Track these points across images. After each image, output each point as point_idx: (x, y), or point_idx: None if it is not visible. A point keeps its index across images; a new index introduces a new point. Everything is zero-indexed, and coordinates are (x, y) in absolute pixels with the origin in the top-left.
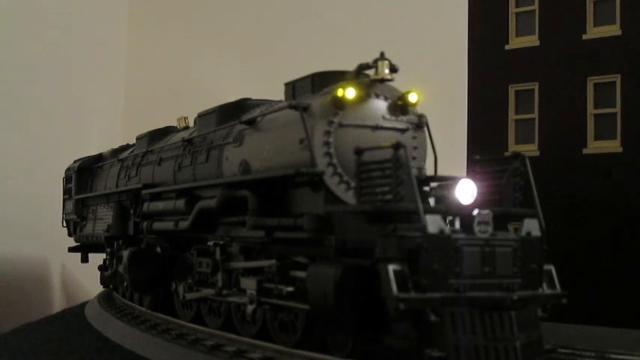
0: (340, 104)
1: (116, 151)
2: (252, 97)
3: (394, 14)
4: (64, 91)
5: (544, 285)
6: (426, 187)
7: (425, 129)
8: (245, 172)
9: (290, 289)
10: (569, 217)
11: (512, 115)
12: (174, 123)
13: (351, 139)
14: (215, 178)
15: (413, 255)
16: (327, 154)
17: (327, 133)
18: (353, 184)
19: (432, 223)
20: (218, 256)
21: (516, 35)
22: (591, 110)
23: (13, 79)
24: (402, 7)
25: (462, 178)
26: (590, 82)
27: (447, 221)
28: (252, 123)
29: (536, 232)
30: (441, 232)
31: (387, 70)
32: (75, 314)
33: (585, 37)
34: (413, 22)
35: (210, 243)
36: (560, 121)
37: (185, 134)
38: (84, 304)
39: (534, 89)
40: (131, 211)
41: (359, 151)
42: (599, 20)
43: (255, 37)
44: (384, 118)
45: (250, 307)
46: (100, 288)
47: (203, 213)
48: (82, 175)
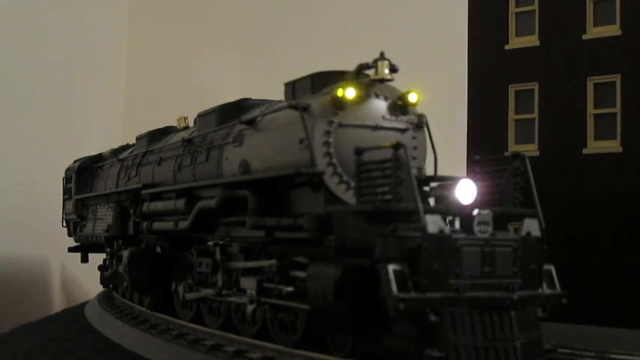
0: (340, 104)
1: (116, 151)
2: (252, 97)
3: (394, 14)
4: (64, 91)
5: (544, 285)
6: (426, 187)
7: (425, 129)
8: (245, 172)
9: (290, 289)
10: (569, 217)
11: (512, 115)
12: (174, 123)
13: (351, 139)
14: (215, 178)
15: (413, 255)
16: (327, 154)
17: (327, 133)
18: (353, 184)
19: (432, 223)
20: (218, 256)
21: (516, 35)
22: (591, 110)
23: (13, 79)
24: (402, 8)
25: (462, 178)
26: (590, 82)
27: (447, 221)
28: (252, 123)
29: (536, 232)
30: (441, 232)
31: (387, 70)
32: (75, 314)
33: (585, 37)
34: (413, 22)
35: (210, 243)
36: (560, 121)
37: (185, 134)
38: (84, 304)
39: (534, 89)
40: (131, 211)
41: (359, 151)
42: (599, 20)
43: (255, 37)
44: (384, 118)
45: (250, 307)
46: (100, 288)
47: (203, 213)
48: (82, 175)
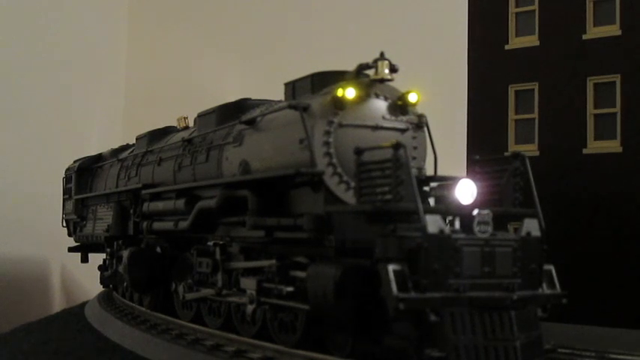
0: (340, 104)
1: (116, 151)
2: (252, 97)
3: (394, 14)
4: (64, 91)
5: (544, 285)
6: (426, 187)
7: (425, 129)
8: (245, 172)
9: (290, 289)
10: (569, 217)
11: (512, 115)
12: (174, 123)
13: (351, 139)
14: (215, 178)
15: (413, 255)
16: (327, 154)
17: (327, 133)
18: (353, 184)
19: (432, 223)
20: (218, 256)
21: (516, 35)
22: (591, 110)
23: (13, 79)
24: (402, 8)
25: (462, 178)
26: (590, 82)
27: (447, 221)
28: (252, 123)
29: (536, 232)
30: (441, 232)
31: (386, 70)
32: (75, 314)
33: (585, 37)
34: (413, 22)
35: (210, 243)
36: (560, 121)
37: (185, 134)
38: (84, 304)
39: (534, 89)
40: (131, 211)
41: (359, 151)
42: (599, 20)
43: (255, 37)
44: (383, 118)
45: (250, 307)
46: (100, 288)
47: (203, 213)
48: (82, 175)
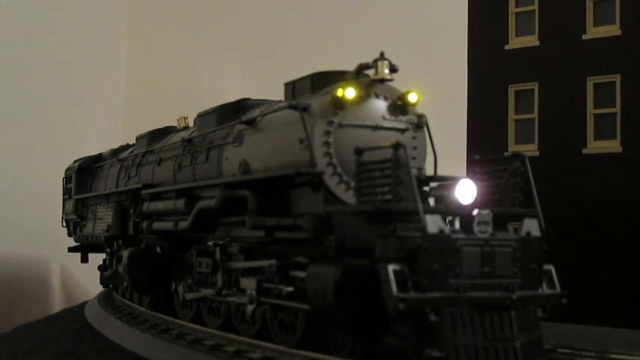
0: (340, 104)
1: (116, 151)
2: (252, 97)
3: (394, 14)
4: (64, 91)
5: (544, 285)
6: (426, 187)
7: (425, 129)
8: (245, 172)
9: (290, 289)
10: (569, 217)
11: (512, 115)
12: (174, 123)
13: (351, 139)
14: (215, 178)
15: (413, 255)
16: (327, 154)
17: (327, 133)
18: (353, 184)
19: (432, 223)
20: (218, 256)
21: (516, 35)
22: (591, 110)
23: (13, 79)
24: (402, 8)
25: (462, 178)
26: (590, 82)
27: (446, 221)
28: (252, 123)
29: (536, 232)
30: (441, 232)
31: (386, 70)
32: (75, 314)
33: (585, 37)
34: (413, 23)
35: (210, 243)
36: (560, 121)
37: (185, 134)
38: (84, 304)
39: (534, 89)
40: (131, 211)
41: (359, 151)
42: (599, 20)
43: (255, 37)
44: (383, 118)
45: (250, 307)
46: (100, 288)
47: (203, 213)
48: (82, 175)
